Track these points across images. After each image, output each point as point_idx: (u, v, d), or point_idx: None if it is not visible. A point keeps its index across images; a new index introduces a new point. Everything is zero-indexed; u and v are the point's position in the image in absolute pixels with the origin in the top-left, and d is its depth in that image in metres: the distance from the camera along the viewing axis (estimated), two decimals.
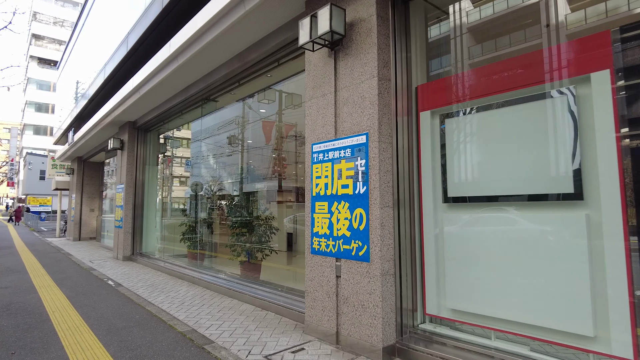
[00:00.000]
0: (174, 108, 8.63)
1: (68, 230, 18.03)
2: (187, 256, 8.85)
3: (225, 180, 8.88)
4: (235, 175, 8.09)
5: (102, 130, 11.51)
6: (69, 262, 10.03)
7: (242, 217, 6.88)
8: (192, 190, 9.13)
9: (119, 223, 10.38)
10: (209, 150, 9.97)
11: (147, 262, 9.26)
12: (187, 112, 8.67)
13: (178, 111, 8.77)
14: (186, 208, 9.19)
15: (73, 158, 17.68)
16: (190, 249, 8.65)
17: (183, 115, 8.90)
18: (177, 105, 8.38)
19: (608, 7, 3.03)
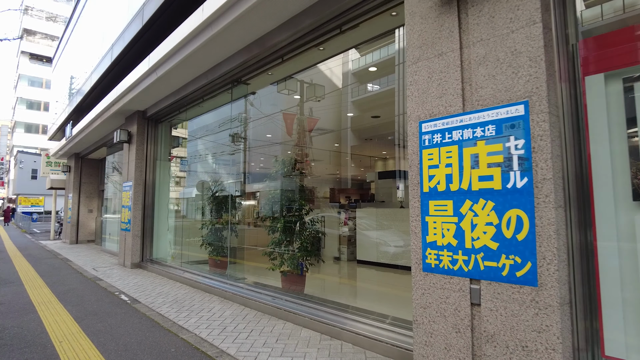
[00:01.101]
0: (194, 93, 7.47)
1: (64, 233, 16.74)
2: (210, 264, 7.69)
3: (253, 176, 7.76)
4: (270, 170, 6.95)
5: (106, 122, 10.31)
6: (70, 270, 8.81)
7: (286, 218, 5.74)
8: (213, 187, 7.98)
9: (127, 225, 9.19)
10: (231, 142, 8.84)
11: (160, 271, 8.09)
12: (210, 98, 7.52)
13: (199, 97, 7.62)
14: (206, 208, 8.02)
15: (70, 155, 16.40)
16: (213, 256, 7.50)
17: (205, 102, 7.74)
18: (198, 89, 7.23)
19: None
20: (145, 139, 9.32)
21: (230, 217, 7.49)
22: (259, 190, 7.50)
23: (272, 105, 7.66)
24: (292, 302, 4.92)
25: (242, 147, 7.70)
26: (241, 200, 7.60)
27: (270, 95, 7.21)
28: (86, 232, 15.89)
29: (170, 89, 7.61)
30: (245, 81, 6.72)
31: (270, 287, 5.81)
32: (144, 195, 9.16)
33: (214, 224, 7.67)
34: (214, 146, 8.70)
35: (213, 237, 7.64)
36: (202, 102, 7.80)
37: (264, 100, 7.41)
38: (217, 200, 7.81)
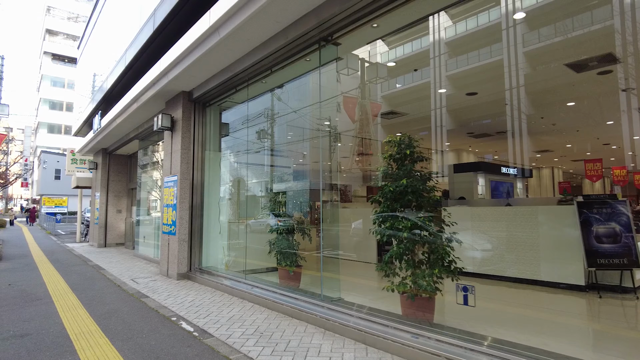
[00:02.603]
0: (261, 63, 5.92)
1: (91, 235, 15.49)
2: (280, 276, 6.14)
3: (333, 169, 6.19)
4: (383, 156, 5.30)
5: (142, 108, 8.87)
6: (105, 282, 7.38)
7: (410, 222, 4.09)
8: (288, 181, 6.41)
9: (170, 228, 7.71)
10: (316, 122, 7.26)
11: (215, 284, 6.57)
12: (282, 68, 5.95)
13: (267, 68, 6.06)
14: (275, 207, 6.44)
15: (97, 150, 15.14)
16: (286, 266, 5.93)
17: (273, 74, 6.18)
18: (268, 56, 5.67)
19: None
20: (192, 125, 7.83)
21: (307, 219, 5.92)
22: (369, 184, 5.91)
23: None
24: (452, 344, 3.29)
25: (328, 129, 6.11)
26: (334, 198, 6.02)
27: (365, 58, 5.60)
28: (115, 235, 14.59)
29: (231, 57, 6.07)
30: (335, 40, 5.12)
31: (383, 312, 4.20)
32: (192, 192, 7.67)
33: (287, 227, 6.10)
34: (283, 131, 7.15)
35: (286, 243, 6.07)
36: (270, 74, 6.24)
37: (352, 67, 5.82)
38: (291, 198, 6.24)
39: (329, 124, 6.21)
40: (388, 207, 4.29)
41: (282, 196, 6.34)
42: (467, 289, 3.61)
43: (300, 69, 6.01)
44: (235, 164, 8.12)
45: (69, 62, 53.09)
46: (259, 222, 8.16)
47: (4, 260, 10.54)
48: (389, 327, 3.83)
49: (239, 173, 8.22)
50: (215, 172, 8.01)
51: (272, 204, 6.36)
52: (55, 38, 53.08)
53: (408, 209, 4.24)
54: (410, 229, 4.09)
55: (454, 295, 3.94)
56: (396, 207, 4.26)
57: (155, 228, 10.23)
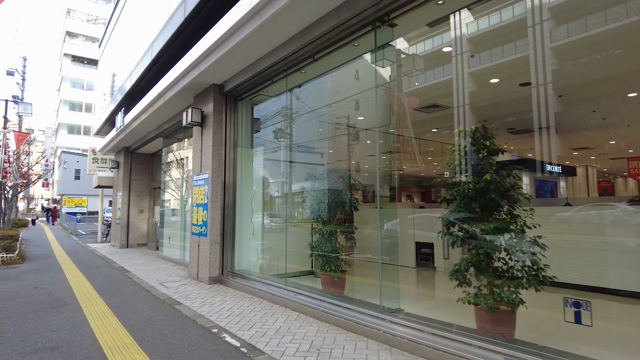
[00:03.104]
0: (304, 50, 5.42)
1: (112, 235, 15.24)
2: (323, 282, 5.63)
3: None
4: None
5: (169, 103, 8.47)
6: (133, 286, 6.97)
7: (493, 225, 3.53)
8: (339, 178, 5.92)
9: (200, 229, 7.28)
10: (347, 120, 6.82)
11: (251, 289, 6.10)
12: (329, 54, 5.44)
13: (309, 55, 5.56)
14: (316, 207, 5.92)
15: (119, 149, 14.88)
16: (332, 271, 5.42)
17: (316, 61, 5.68)
18: (314, 41, 5.17)
19: None
20: (224, 120, 7.38)
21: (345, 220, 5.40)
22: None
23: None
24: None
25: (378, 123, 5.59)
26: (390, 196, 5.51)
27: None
28: (137, 235, 14.30)
29: (271, 44, 5.58)
30: (392, 21, 4.59)
31: (457, 326, 3.66)
32: (223, 191, 7.22)
33: (331, 229, 5.58)
34: (322, 126, 6.64)
35: (329, 246, 5.56)
36: (311, 63, 5.73)
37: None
38: (332, 198, 5.72)
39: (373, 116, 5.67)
40: (465, 206, 3.73)
41: (321, 196, 5.82)
42: (581, 305, 3.03)
43: (346, 55, 5.50)
44: (269, 162, 7.64)
45: (88, 64, 53.71)
46: (292, 223, 7.68)
47: (27, 261, 10.28)
48: (472, 345, 3.28)
49: (272, 171, 7.74)
50: (247, 169, 7.55)
51: (314, 203, 5.85)
52: (75, 40, 53.76)
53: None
54: (493, 232, 3.53)
55: (536, 308, 3.37)
56: (475, 207, 3.71)
57: (181, 229, 9.84)
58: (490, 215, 3.70)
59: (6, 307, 5.42)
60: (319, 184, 6.00)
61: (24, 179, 23.17)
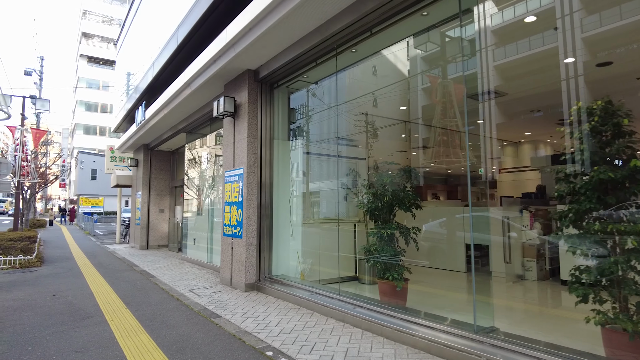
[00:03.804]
0: (361, 22, 4.65)
1: (132, 236, 14.68)
2: (381, 291, 4.85)
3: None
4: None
5: (196, 93, 7.78)
6: (161, 294, 6.29)
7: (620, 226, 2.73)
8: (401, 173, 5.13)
9: (234, 230, 6.56)
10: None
11: (296, 298, 5.35)
12: (391, 26, 4.66)
13: (366, 29, 4.79)
14: (370, 204, 5.11)
15: (138, 146, 14.31)
16: (396, 279, 4.63)
17: (372, 37, 4.90)
18: (374, 11, 4.39)
19: None
20: (259, 110, 6.66)
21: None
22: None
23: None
24: None
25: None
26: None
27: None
28: (157, 236, 13.70)
29: (323, 15, 4.82)
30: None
31: (578, 352, 2.85)
32: (260, 188, 6.49)
33: (392, 230, 4.79)
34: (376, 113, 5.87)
35: (392, 251, 4.77)
36: (367, 38, 4.96)
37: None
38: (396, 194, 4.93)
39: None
40: (597, 202, 2.92)
41: (378, 192, 5.03)
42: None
43: (411, 27, 4.72)
44: (308, 155, 6.89)
45: (104, 65, 53.89)
46: (333, 223, 6.92)
47: (46, 264, 9.72)
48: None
49: (313, 166, 6.99)
50: (284, 164, 6.81)
51: (370, 202, 5.06)
52: (91, 41, 53.97)
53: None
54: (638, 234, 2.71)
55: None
56: (612, 202, 2.89)
57: (207, 229, 9.16)
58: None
59: (23, 320, 4.76)
60: (376, 179, 5.22)
61: (42, 179, 22.88)
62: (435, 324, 3.70)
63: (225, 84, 7.31)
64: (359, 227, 7.04)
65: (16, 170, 13.08)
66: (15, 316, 4.94)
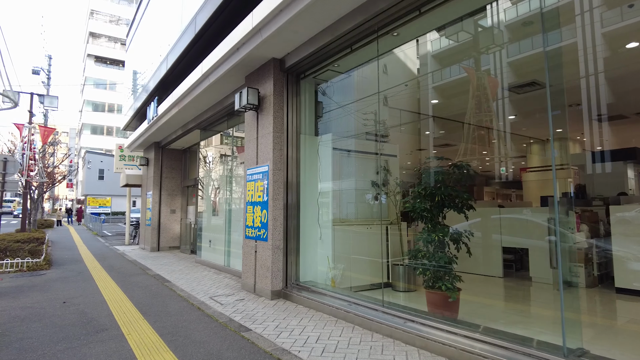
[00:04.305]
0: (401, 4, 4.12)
1: (142, 237, 14.22)
2: (436, 304, 4.30)
3: None
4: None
5: (213, 86, 7.28)
6: (180, 302, 5.78)
7: None
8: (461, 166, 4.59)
9: (257, 232, 6.04)
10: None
11: (331, 308, 4.83)
12: (447, 2, 4.12)
13: (415, 7, 4.25)
14: (419, 205, 4.56)
15: (148, 144, 13.86)
16: (449, 290, 4.08)
17: (420, 17, 4.36)
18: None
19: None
20: (285, 102, 6.14)
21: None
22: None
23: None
24: None
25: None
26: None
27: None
28: (169, 237, 13.23)
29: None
30: None
31: None
32: (286, 186, 5.97)
33: (445, 234, 4.24)
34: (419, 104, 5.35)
35: (445, 257, 4.23)
36: (415, 18, 4.42)
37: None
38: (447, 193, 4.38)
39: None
40: None
41: (428, 192, 4.48)
42: None
43: (468, 4, 4.17)
44: (337, 152, 6.35)
45: (111, 64, 53.75)
46: (365, 224, 6.39)
47: (54, 266, 9.26)
48: None
49: (342, 163, 6.45)
50: (312, 161, 6.28)
51: (418, 202, 4.51)
52: (98, 40, 53.84)
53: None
54: None
55: None
56: None
57: (224, 231, 8.65)
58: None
59: (31, 333, 4.27)
60: (423, 176, 4.67)
61: (50, 178, 22.53)
62: (514, 344, 3.14)
63: (246, 75, 6.80)
64: (392, 229, 6.50)
65: (24, 169, 12.66)
66: (23, 328, 4.45)
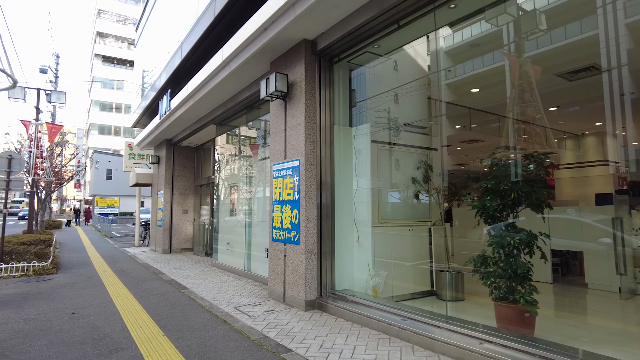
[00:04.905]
0: None
1: (153, 239, 13.64)
2: (510, 320, 3.62)
3: None
4: None
5: (236, 73, 6.65)
6: (202, 314, 5.14)
7: None
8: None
9: (288, 234, 5.39)
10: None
11: (377, 323, 4.17)
12: None
13: None
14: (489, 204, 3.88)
15: (160, 141, 13.27)
16: (529, 303, 3.40)
17: None
18: None
19: None
20: (318, 89, 5.48)
21: None
22: None
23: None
24: None
25: None
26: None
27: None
28: (181, 239, 12.63)
29: None
30: None
31: None
32: (319, 184, 5.31)
33: (527, 239, 3.56)
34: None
35: (523, 266, 3.54)
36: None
37: None
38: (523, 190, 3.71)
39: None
40: None
41: (502, 188, 3.80)
42: None
43: None
44: (375, 144, 5.68)
45: (118, 64, 53.50)
46: (406, 226, 5.72)
47: (62, 270, 8.69)
48: None
49: (381, 156, 5.78)
50: (347, 155, 5.63)
51: (488, 200, 3.83)
52: (106, 40, 53.65)
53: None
54: None
55: None
56: None
57: (245, 233, 8.01)
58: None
59: (34, 352, 3.65)
60: (493, 170, 3.99)
61: (57, 178, 22.07)
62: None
63: (272, 60, 6.16)
64: (435, 230, 5.83)
65: (30, 168, 12.13)
66: (26, 346, 3.84)
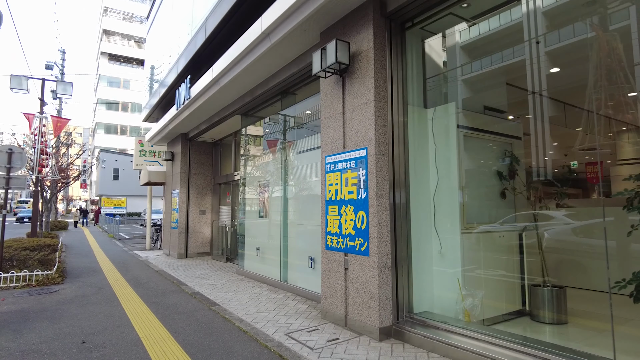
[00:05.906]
0: None
1: (166, 242, 12.58)
2: None
3: None
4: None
5: (278, 47, 5.56)
6: (248, 343, 4.05)
7: None
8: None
9: (351, 242, 4.28)
10: None
11: (482, 359, 3.04)
12: None
13: None
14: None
15: (174, 136, 12.21)
16: None
17: None
18: None
19: None
20: (389, 60, 4.37)
21: None
22: None
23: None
24: None
25: None
26: None
27: None
28: (198, 242, 11.56)
29: None
30: None
31: None
32: (392, 182, 4.20)
33: None
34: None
35: None
36: None
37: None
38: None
39: None
40: None
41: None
42: None
43: None
44: (462, 129, 4.56)
45: (125, 62, 52.77)
46: (499, 232, 4.62)
47: (68, 279, 7.64)
48: None
49: (467, 146, 4.66)
50: (422, 143, 4.52)
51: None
52: (112, 38, 52.95)
53: None
54: None
55: None
56: None
57: (280, 237, 6.92)
58: None
59: None
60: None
61: (63, 177, 21.08)
62: None
63: (322, 30, 5.07)
64: (527, 237, 4.72)
65: (34, 166, 11.10)
66: None
